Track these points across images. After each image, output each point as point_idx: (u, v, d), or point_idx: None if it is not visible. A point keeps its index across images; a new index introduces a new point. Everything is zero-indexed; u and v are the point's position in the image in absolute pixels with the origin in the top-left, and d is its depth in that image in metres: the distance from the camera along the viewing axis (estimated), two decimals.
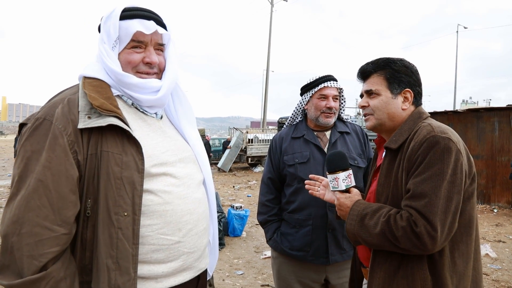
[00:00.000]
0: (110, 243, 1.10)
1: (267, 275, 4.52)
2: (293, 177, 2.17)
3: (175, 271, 1.26)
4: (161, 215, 1.21)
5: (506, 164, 9.65)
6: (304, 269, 2.13)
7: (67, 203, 1.08)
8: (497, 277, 4.78)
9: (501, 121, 9.86)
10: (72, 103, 1.16)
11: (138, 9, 1.25)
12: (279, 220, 2.26)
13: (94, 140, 1.13)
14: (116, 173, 1.12)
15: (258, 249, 5.67)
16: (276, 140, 2.34)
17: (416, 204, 1.22)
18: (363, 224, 1.33)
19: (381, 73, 1.48)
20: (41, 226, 1.03)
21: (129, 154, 1.15)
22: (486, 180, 10.12)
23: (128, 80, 1.23)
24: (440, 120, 6.94)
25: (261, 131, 20.13)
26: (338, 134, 2.22)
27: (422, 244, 1.19)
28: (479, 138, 10.34)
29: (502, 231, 7.31)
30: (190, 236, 1.29)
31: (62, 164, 1.08)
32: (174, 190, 1.26)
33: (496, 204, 9.84)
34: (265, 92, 28.98)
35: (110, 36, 1.23)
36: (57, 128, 1.10)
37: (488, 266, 5.16)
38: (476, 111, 10.66)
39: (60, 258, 1.07)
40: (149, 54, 1.27)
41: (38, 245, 1.02)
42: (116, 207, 1.11)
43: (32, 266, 1.01)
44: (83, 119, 1.12)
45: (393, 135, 1.44)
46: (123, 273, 1.11)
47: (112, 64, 1.22)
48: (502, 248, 6.11)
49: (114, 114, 1.15)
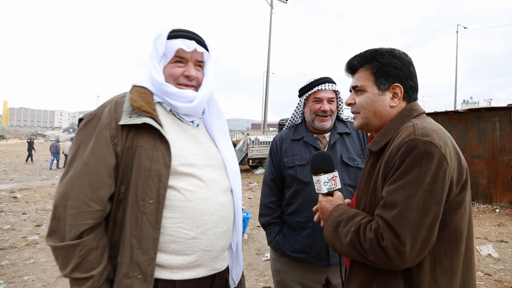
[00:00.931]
0: (135, 225, 1.28)
1: (269, 277, 4.51)
2: (292, 179, 2.16)
3: (190, 265, 1.36)
4: (181, 210, 1.35)
5: (507, 164, 9.63)
6: (305, 270, 2.12)
7: (104, 185, 1.28)
8: (499, 277, 4.76)
9: (502, 121, 9.83)
10: (118, 104, 1.38)
11: (183, 30, 1.47)
12: (281, 223, 2.25)
13: (131, 136, 1.33)
14: (146, 165, 1.30)
15: (259, 251, 5.66)
16: (276, 141, 2.34)
17: (386, 215, 1.10)
18: (337, 231, 1.23)
19: (367, 67, 1.34)
20: (81, 201, 1.24)
21: (159, 150, 1.33)
22: (487, 180, 10.10)
23: (168, 89, 1.42)
24: (441, 120, 6.91)
25: (261, 133, 20.13)
26: (338, 136, 2.20)
27: (389, 259, 1.07)
28: (480, 138, 10.32)
29: (504, 231, 7.28)
30: (208, 235, 1.40)
31: (103, 152, 1.29)
32: (197, 191, 1.39)
33: (498, 204, 9.82)
34: (265, 94, 28.98)
35: (157, 52, 1.44)
36: (103, 123, 1.32)
37: (491, 266, 5.15)
38: (477, 111, 10.63)
39: (94, 231, 1.26)
40: (188, 68, 1.46)
41: (77, 216, 1.22)
42: (143, 194, 1.29)
43: (72, 233, 1.21)
44: (125, 118, 1.33)
45: (376, 136, 1.31)
46: (144, 253, 1.28)
47: (157, 76, 1.43)
48: (504, 248, 6.09)
49: (150, 115, 1.34)
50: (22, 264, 4.85)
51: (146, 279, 1.28)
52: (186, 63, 1.47)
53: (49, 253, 5.31)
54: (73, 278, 1.23)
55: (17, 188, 11.73)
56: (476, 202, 10.30)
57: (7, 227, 6.77)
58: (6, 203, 9.15)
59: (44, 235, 5.71)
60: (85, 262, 1.22)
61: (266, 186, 2.32)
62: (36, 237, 6.11)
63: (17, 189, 11.62)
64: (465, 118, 10.70)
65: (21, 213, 8.01)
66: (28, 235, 6.26)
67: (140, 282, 1.26)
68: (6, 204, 9.09)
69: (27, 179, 14.54)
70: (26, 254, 5.25)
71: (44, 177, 15.34)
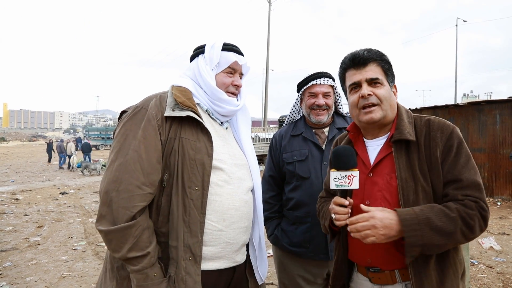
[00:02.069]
0: (184, 210, 1.39)
1: (271, 273, 4.50)
2: (292, 174, 2.17)
3: (214, 256, 1.46)
4: (210, 203, 1.45)
5: (508, 156, 9.61)
6: (305, 264, 2.13)
7: (154, 170, 1.38)
8: (502, 269, 4.76)
9: (503, 114, 9.80)
10: (162, 99, 1.50)
11: (234, 45, 1.66)
12: (280, 217, 2.27)
13: (174, 128, 1.44)
14: (191, 155, 1.42)
15: None
16: (276, 138, 2.35)
17: (475, 193, 1.28)
18: (432, 227, 1.21)
19: (379, 63, 1.42)
20: (134, 185, 1.32)
21: (201, 141, 1.45)
22: (489, 173, 10.08)
23: (221, 96, 1.59)
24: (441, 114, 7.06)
25: (262, 130, 20.11)
26: (336, 131, 2.19)
27: (486, 226, 1.28)
28: (480, 131, 10.30)
29: (506, 223, 7.28)
30: (232, 229, 1.50)
31: (152, 140, 1.40)
32: (225, 186, 1.51)
33: (500, 197, 9.80)
34: (265, 91, 28.95)
35: (212, 61, 1.60)
36: (150, 114, 1.43)
37: (493, 259, 5.14)
38: (477, 104, 10.60)
39: (144, 212, 1.35)
40: (237, 79, 1.65)
41: (130, 199, 1.31)
42: (190, 182, 1.40)
43: (125, 215, 1.30)
44: (169, 111, 1.44)
45: (399, 127, 1.40)
46: (193, 236, 1.39)
47: (211, 81, 1.58)
48: (506, 240, 6.08)
49: (192, 109, 1.46)
50: (24, 265, 4.86)
51: (196, 260, 1.38)
52: (234, 74, 1.65)
53: (51, 253, 5.33)
54: (130, 257, 1.30)
55: (18, 190, 11.75)
56: None
57: (9, 228, 6.78)
58: (8, 205, 9.16)
59: (46, 236, 5.72)
60: (140, 241, 1.31)
61: (265, 182, 2.34)
62: (38, 238, 6.13)
63: (19, 190, 11.64)
64: (466, 111, 10.67)
65: (22, 215, 8.03)
66: (30, 236, 6.28)
67: (192, 263, 1.37)
68: (8, 206, 9.10)
69: (28, 180, 14.55)
70: (28, 255, 5.26)
71: (45, 178, 15.36)
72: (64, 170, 19.50)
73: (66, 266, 4.85)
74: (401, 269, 1.36)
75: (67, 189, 12.04)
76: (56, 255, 5.30)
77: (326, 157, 2.08)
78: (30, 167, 20.68)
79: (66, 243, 5.89)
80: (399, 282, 1.37)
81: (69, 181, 14.60)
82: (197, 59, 1.65)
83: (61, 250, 5.52)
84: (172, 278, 1.36)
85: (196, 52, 1.68)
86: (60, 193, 11.24)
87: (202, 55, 1.64)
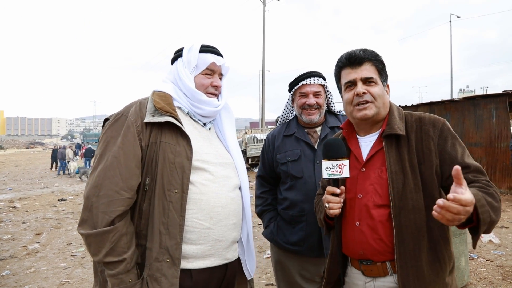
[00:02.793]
0: (163, 212, 1.41)
1: (271, 274, 4.51)
2: (286, 174, 2.19)
3: (204, 254, 1.49)
4: (196, 202, 1.48)
5: (505, 150, 9.65)
6: (302, 262, 2.15)
7: (133, 175, 1.42)
8: (501, 262, 4.77)
9: (498, 108, 9.85)
10: (142, 105, 1.54)
11: (212, 47, 1.68)
12: (275, 209, 2.30)
13: (154, 133, 1.48)
14: (170, 158, 1.45)
15: (261, 248, 5.66)
16: (269, 139, 2.37)
17: (481, 176, 1.35)
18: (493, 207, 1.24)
19: (373, 63, 1.48)
20: (113, 190, 1.36)
21: (181, 145, 1.48)
22: (486, 167, 10.10)
23: (201, 97, 1.62)
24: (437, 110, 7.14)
25: (260, 131, 20.11)
26: (328, 130, 2.21)
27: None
28: (477, 125, 10.33)
29: (504, 216, 7.30)
30: (220, 226, 1.53)
31: (131, 146, 1.43)
32: (210, 185, 1.54)
33: (498, 190, 9.83)
34: (262, 92, 28.95)
35: (190, 63, 1.64)
36: (130, 120, 1.47)
37: (492, 252, 5.16)
38: (473, 99, 10.64)
39: (124, 217, 1.38)
40: (216, 80, 1.69)
41: (109, 204, 1.35)
42: (169, 185, 1.43)
43: (104, 220, 1.34)
44: (149, 116, 1.48)
45: (390, 123, 1.46)
46: (172, 238, 1.41)
47: (190, 83, 1.62)
48: (505, 233, 6.10)
49: (171, 115, 1.50)
50: (23, 273, 4.84)
51: (174, 262, 1.40)
52: (213, 75, 1.68)
53: (50, 261, 5.31)
54: (106, 262, 1.34)
55: (16, 198, 11.70)
56: None
57: (7, 237, 6.75)
58: (6, 213, 9.12)
59: (45, 243, 5.70)
60: (117, 246, 1.34)
61: (257, 181, 2.43)
62: (36, 246, 6.10)
63: (16, 198, 11.59)
64: (461, 106, 10.71)
65: (21, 223, 7.99)
66: (29, 244, 6.25)
67: (169, 265, 1.39)
68: (6, 214, 9.06)
69: (26, 188, 14.50)
70: (26, 263, 5.24)
71: (43, 186, 15.31)
72: (62, 176, 19.45)
73: (65, 273, 4.83)
74: (392, 261, 1.40)
75: (65, 196, 12.00)
76: (55, 262, 5.28)
77: (319, 156, 2.09)
78: (28, 174, 20.62)
79: (65, 250, 5.87)
80: (391, 274, 1.42)
81: (67, 187, 14.56)
82: (176, 63, 1.69)
83: (60, 257, 5.49)
84: (145, 280, 1.38)
85: (176, 55, 1.72)
86: (58, 199, 11.20)
87: (181, 58, 1.68)
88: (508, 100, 9.70)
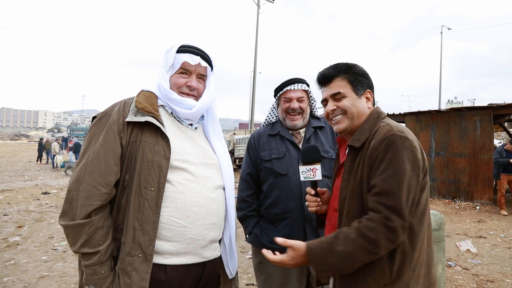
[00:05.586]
0: (138, 209, 1.45)
1: (252, 274, 4.54)
2: (269, 172, 2.22)
3: (179, 252, 1.51)
4: (173, 201, 1.51)
5: (488, 161, 9.86)
6: (285, 269, 2.12)
7: (111, 171, 1.46)
8: (476, 271, 4.89)
9: (483, 120, 10.07)
10: (126, 105, 1.59)
11: (191, 46, 1.67)
12: (258, 215, 2.30)
13: (135, 132, 1.52)
14: (149, 157, 1.48)
15: (243, 249, 5.69)
16: (254, 137, 2.41)
17: (387, 201, 1.27)
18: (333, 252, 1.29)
19: (344, 76, 1.53)
20: (92, 185, 1.42)
21: (160, 144, 1.51)
22: (469, 178, 10.32)
23: (171, 95, 1.63)
24: (424, 119, 7.28)
25: (248, 132, 20.14)
26: (312, 130, 2.29)
27: (397, 237, 1.25)
28: (461, 136, 10.54)
29: (483, 227, 7.47)
30: (197, 225, 1.55)
31: (111, 143, 1.48)
32: (188, 184, 1.56)
33: (479, 201, 10.04)
34: (252, 93, 29.00)
35: (167, 63, 1.66)
36: (112, 119, 1.53)
37: (469, 261, 5.28)
38: (459, 110, 10.85)
39: (101, 212, 1.43)
40: (191, 80, 1.67)
41: (87, 198, 1.40)
42: (146, 182, 1.46)
43: (82, 213, 1.39)
44: (130, 116, 1.53)
45: (355, 134, 1.49)
46: (145, 234, 1.44)
47: (163, 83, 1.64)
48: (482, 243, 6.25)
49: (152, 115, 1.53)
50: (2, 265, 4.78)
51: (146, 258, 1.44)
52: (189, 75, 1.67)
53: (30, 254, 5.26)
54: (82, 253, 1.41)
55: None
56: (457, 200, 10.51)
57: None
58: None
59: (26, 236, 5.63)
60: (92, 239, 1.39)
61: (243, 181, 2.38)
62: (17, 238, 6.03)
63: None
64: (448, 117, 10.91)
65: (2, 215, 7.88)
66: (9, 236, 6.17)
67: (141, 261, 1.43)
68: None
69: (9, 180, 14.26)
70: (6, 255, 5.17)
71: (27, 178, 15.08)
72: (47, 169, 19.18)
73: (46, 266, 4.79)
74: None
75: (49, 189, 11.85)
76: (36, 255, 5.23)
77: None
78: (12, 167, 20.27)
79: (46, 243, 5.81)
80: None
81: (51, 181, 14.38)
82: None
83: (41, 250, 5.44)
84: (117, 273, 1.43)
85: None
86: (42, 193, 11.06)
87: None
88: (492, 113, 9.93)
